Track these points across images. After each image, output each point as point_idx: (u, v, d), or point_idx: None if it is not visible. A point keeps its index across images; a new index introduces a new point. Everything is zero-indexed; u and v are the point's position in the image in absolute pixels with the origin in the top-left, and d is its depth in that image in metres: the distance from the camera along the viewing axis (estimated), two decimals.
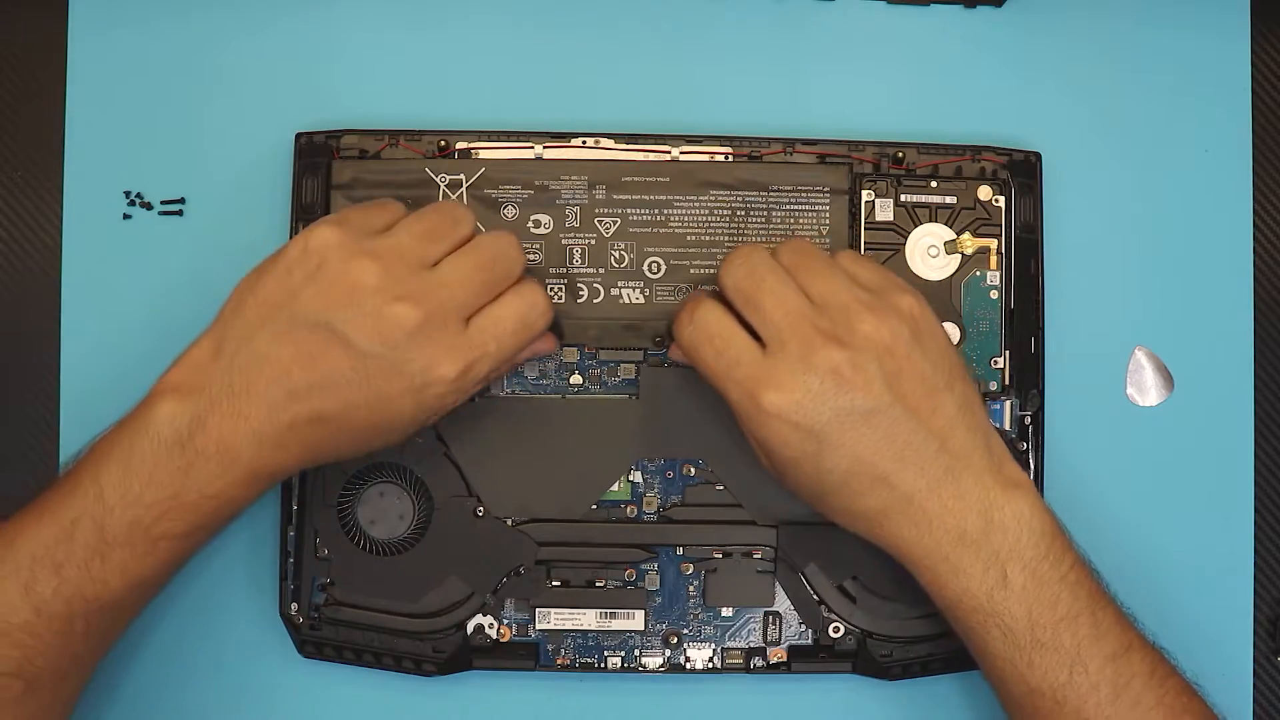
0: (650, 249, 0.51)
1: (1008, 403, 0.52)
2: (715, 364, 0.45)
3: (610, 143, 0.52)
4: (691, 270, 0.51)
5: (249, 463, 0.44)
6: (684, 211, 0.51)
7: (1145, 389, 0.54)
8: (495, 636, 0.51)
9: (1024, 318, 0.52)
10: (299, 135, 0.52)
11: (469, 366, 0.45)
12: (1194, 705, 0.45)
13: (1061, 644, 0.44)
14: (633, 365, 0.52)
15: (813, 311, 0.45)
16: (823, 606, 0.51)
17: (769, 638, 0.52)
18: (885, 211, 0.52)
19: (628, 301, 0.51)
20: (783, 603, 0.52)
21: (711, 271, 0.51)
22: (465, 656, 0.51)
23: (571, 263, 0.51)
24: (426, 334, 0.44)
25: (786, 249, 0.47)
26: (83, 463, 0.45)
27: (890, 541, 0.46)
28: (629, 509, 0.52)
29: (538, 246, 0.51)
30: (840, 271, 0.46)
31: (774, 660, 0.52)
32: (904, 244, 0.52)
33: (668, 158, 0.52)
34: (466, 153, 0.52)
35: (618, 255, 0.52)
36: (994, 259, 0.52)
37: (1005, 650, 0.45)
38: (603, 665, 0.51)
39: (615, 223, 0.52)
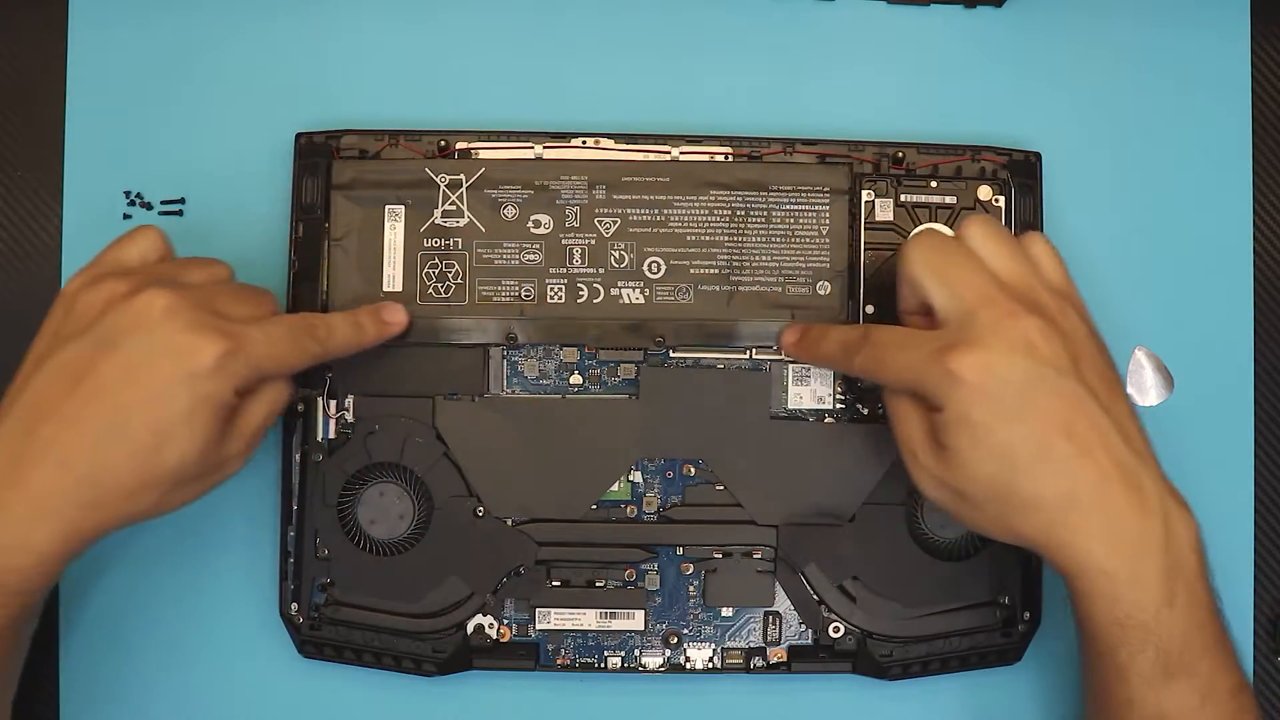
0: (650, 249, 0.51)
1: None
2: (902, 356, 0.44)
3: (610, 143, 0.52)
4: (691, 270, 0.51)
5: (23, 517, 0.42)
6: (684, 211, 0.51)
7: (1145, 389, 0.54)
8: (495, 636, 0.51)
9: None
10: (299, 135, 0.52)
11: (235, 347, 0.43)
12: None
13: (1199, 671, 0.43)
14: (633, 365, 0.52)
15: (1000, 287, 0.44)
16: (823, 606, 0.51)
17: (769, 638, 0.52)
18: (885, 211, 0.52)
19: (628, 301, 0.51)
20: (783, 603, 0.52)
21: (712, 271, 0.51)
22: (465, 656, 0.51)
23: (571, 263, 0.51)
24: (181, 313, 0.42)
25: (973, 227, 0.45)
26: None
27: (1069, 539, 0.43)
28: (629, 509, 0.52)
29: (538, 246, 0.51)
30: (1025, 257, 0.45)
31: (774, 660, 0.52)
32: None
33: (668, 158, 0.52)
34: (466, 153, 0.52)
35: (618, 255, 0.52)
36: None
37: (1152, 673, 0.43)
38: (603, 665, 0.51)
39: (615, 223, 0.52)
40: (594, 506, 0.51)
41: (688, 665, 0.52)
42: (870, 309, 0.52)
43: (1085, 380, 0.43)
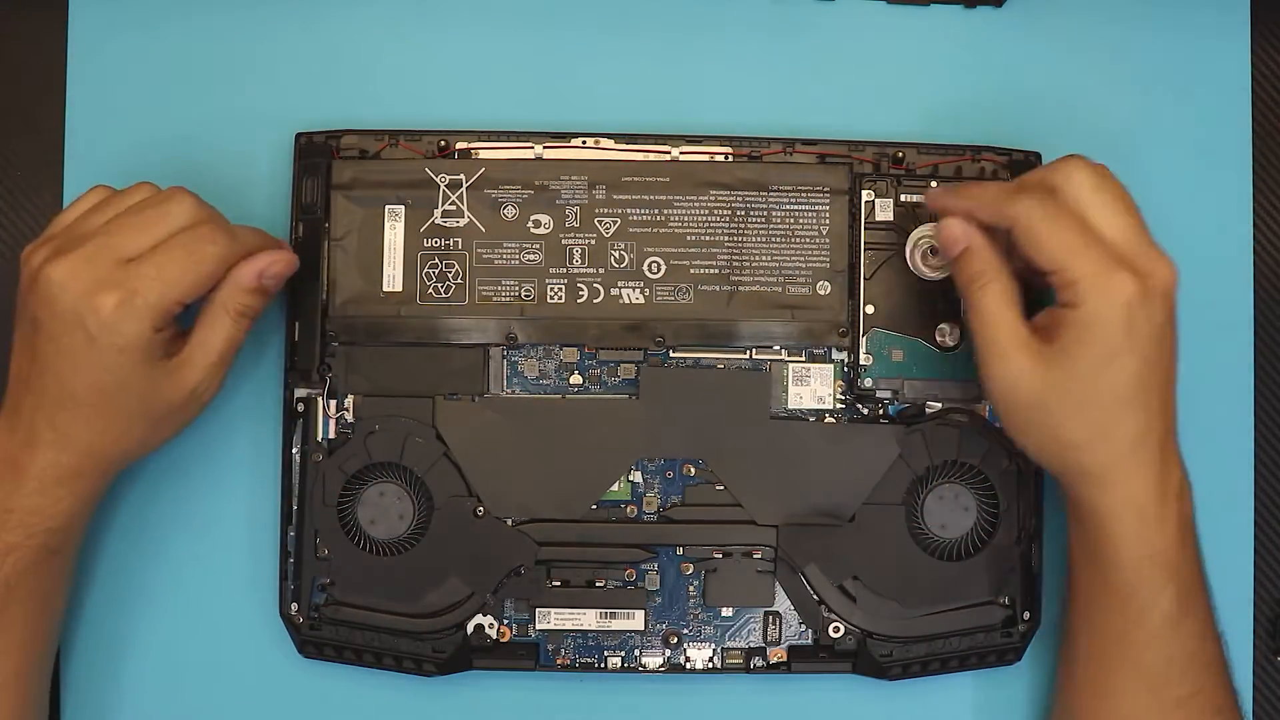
0: (650, 249, 0.51)
1: None
2: (1068, 238, 0.44)
3: (610, 143, 0.52)
4: (691, 270, 0.51)
5: (27, 467, 0.46)
6: (684, 211, 0.51)
7: None
8: (495, 636, 0.51)
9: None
10: (299, 135, 0.52)
11: (130, 294, 0.45)
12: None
13: (1202, 609, 0.47)
14: (633, 365, 0.52)
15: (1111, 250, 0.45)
16: (823, 606, 0.51)
17: (769, 638, 0.52)
18: (885, 211, 0.52)
19: (628, 301, 0.51)
20: (783, 603, 0.52)
21: (712, 271, 0.51)
22: (465, 656, 0.51)
23: (571, 263, 0.51)
24: (76, 279, 0.45)
25: (1077, 185, 0.46)
26: None
27: (1123, 479, 0.45)
28: (629, 509, 0.52)
29: (538, 246, 0.51)
30: (1131, 211, 0.46)
31: (774, 660, 0.52)
32: (904, 244, 0.52)
33: (668, 158, 0.52)
34: (466, 153, 0.52)
35: (618, 255, 0.52)
36: None
37: (1171, 609, 0.46)
38: (603, 665, 0.51)
39: (615, 223, 0.52)
40: (594, 506, 0.51)
41: (688, 665, 0.52)
42: (870, 309, 0.52)
43: (1175, 337, 0.46)
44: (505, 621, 0.51)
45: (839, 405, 0.52)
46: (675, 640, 0.51)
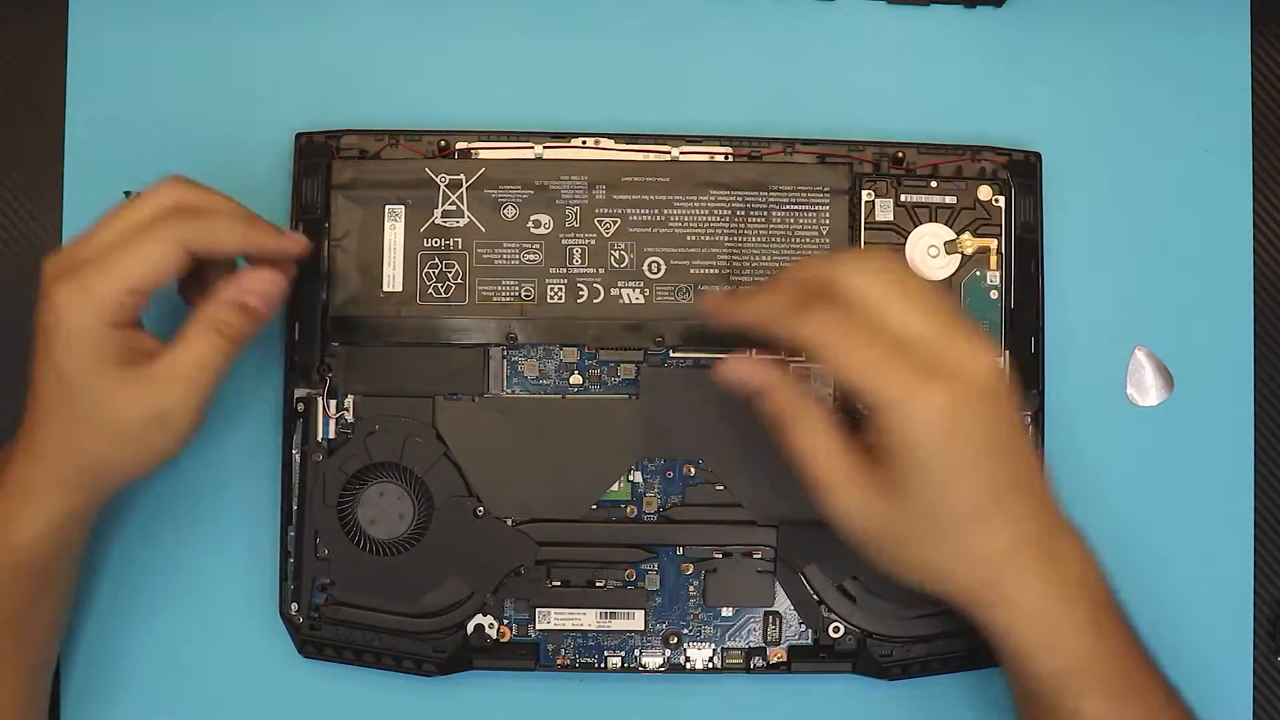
0: (650, 249, 0.51)
1: None
2: (873, 354, 0.41)
3: (610, 143, 0.52)
4: (691, 270, 0.51)
5: (2, 480, 0.45)
6: (684, 211, 0.52)
7: (1145, 389, 0.54)
8: (495, 636, 0.51)
9: (1024, 318, 0.52)
10: (299, 135, 0.52)
11: (80, 284, 0.43)
12: None
13: (1140, 687, 0.44)
14: (633, 365, 0.52)
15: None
16: (822, 606, 0.51)
17: (769, 638, 0.52)
18: (885, 211, 0.52)
19: (628, 301, 0.51)
20: (783, 603, 0.52)
21: (712, 271, 0.51)
22: (465, 656, 0.51)
23: (571, 263, 0.51)
24: (52, 286, 0.43)
25: (872, 288, 0.42)
26: None
27: (1010, 594, 0.42)
28: (629, 509, 0.52)
29: (538, 246, 0.51)
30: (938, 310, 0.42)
31: (774, 660, 0.52)
32: (904, 244, 0.52)
33: (668, 158, 0.52)
34: (466, 153, 0.52)
35: (618, 255, 0.52)
36: (994, 259, 0.52)
37: (1104, 708, 0.43)
38: (603, 665, 0.51)
39: (615, 223, 0.52)
40: (594, 506, 0.51)
41: (688, 665, 0.52)
42: None
43: (1018, 433, 0.43)
44: (505, 621, 0.51)
45: (839, 405, 0.52)
46: (675, 640, 0.52)
